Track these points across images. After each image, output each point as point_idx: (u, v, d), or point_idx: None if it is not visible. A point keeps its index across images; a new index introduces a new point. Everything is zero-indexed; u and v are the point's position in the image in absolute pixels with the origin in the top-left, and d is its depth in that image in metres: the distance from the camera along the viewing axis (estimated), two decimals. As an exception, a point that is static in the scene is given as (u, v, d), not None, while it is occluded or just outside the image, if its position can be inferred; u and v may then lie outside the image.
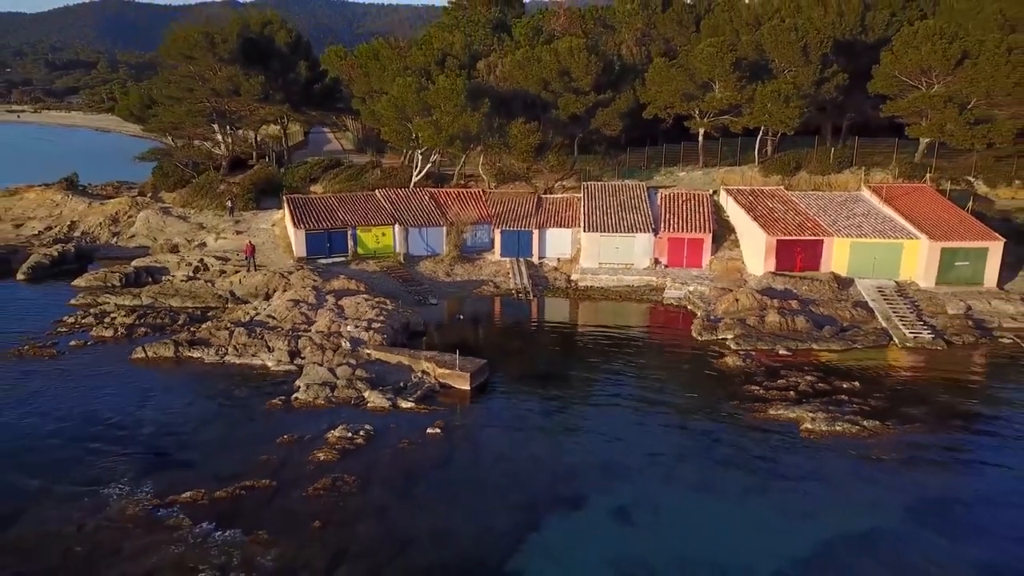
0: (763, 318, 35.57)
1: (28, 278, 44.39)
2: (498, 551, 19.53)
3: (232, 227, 50.75)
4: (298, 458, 23.76)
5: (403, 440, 25.06)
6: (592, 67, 51.72)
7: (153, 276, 43.85)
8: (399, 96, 48.82)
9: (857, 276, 40.54)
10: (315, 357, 31.06)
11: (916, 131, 48.12)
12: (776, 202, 44.61)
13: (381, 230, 45.47)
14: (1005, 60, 44.86)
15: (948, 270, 39.44)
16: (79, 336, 34.49)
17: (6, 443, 24.76)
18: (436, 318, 38.03)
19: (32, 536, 19.92)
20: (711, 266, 43.15)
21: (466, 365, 29.87)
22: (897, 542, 20.24)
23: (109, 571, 18.48)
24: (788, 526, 20.86)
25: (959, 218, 41.42)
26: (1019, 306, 37.19)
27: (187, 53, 57.93)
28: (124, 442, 25.04)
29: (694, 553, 19.67)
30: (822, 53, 50.45)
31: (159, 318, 36.91)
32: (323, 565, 18.88)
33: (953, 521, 21.19)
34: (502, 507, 21.45)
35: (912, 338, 34.48)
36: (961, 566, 19.27)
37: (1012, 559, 19.58)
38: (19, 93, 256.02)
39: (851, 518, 21.03)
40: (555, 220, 46.17)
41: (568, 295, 42.32)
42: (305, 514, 20.88)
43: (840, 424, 25.95)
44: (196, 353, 32.07)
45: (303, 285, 38.15)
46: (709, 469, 23.89)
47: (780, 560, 19.32)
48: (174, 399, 28.66)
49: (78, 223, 54.67)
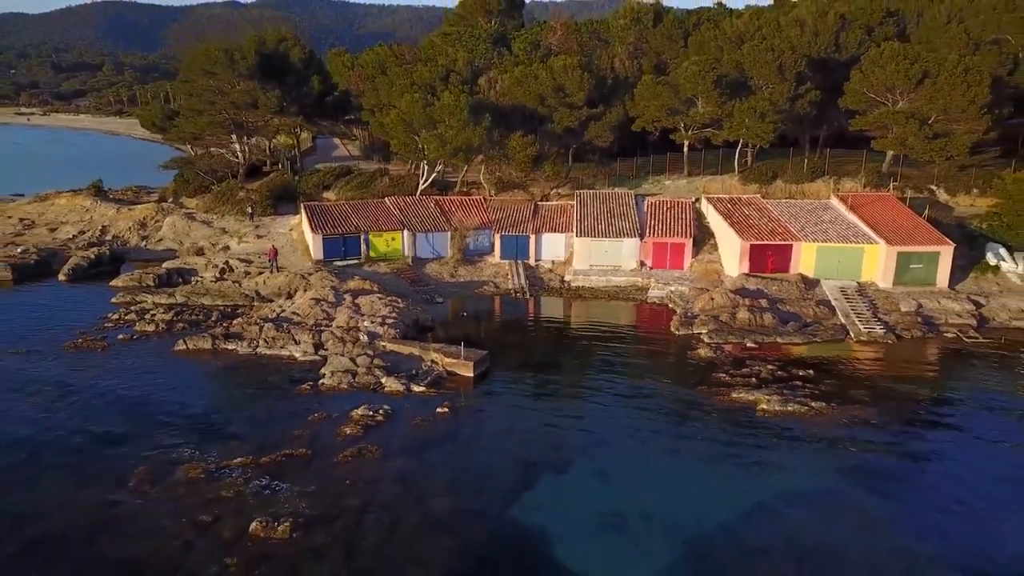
0: (734, 315, 39.85)
1: (69, 279, 48.63)
2: (498, 503, 23.79)
3: (253, 231, 55.04)
4: (328, 432, 28.02)
5: (416, 418, 29.34)
6: (585, 83, 55.94)
7: (183, 277, 48.10)
8: (407, 111, 53.06)
9: (823, 277, 44.81)
10: (337, 349, 35.34)
11: (881, 144, 52.36)
12: (752, 209, 48.88)
13: (391, 235, 49.74)
14: (961, 80, 49.07)
15: (904, 272, 43.73)
16: (125, 331, 38.70)
17: (82, 419, 29.03)
18: (442, 315, 42.29)
19: (111, 491, 24.15)
20: (692, 268, 47.45)
21: (469, 355, 34.10)
22: (826, 496, 24.51)
23: (182, 517, 22.69)
24: (738, 485, 25.11)
25: (916, 224, 45.70)
26: (965, 304, 41.45)
27: (208, 69, 62.07)
28: (178, 419, 29.30)
29: (660, 506, 23.89)
30: (797, 71, 54.70)
31: (194, 315, 41.20)
32: (354, 514, 23.11)
33: (874, 480, 25.42)
34: (501, 470, 25.72)
35: (866, 332, 38.78)
36: (876, 512, 23.49)
37: (914, 507, 23.82)
38: (27, 96, 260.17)
39: (790, 479, 25.30)
40: (550, 226, 50.43)
41: (561, 294, 46.60)
42: (337, 475, 25.14)
43: (791, 405, 30.24)
44: (231, 346, 36.34)
45: (322, 285, 42.39)
46: (677, 441, 28.18)
47: (729, 510, 23.55)
48: (216, 385, 32.97)
49: (109, 227, 58.92)
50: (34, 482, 24.74)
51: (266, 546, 21.37)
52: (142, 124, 74.04)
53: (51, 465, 25.78)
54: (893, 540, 22.29)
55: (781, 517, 23.42)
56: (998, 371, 35.05)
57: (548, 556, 21.40)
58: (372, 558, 21.09)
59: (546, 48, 75.07)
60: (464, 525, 22.68)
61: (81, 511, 23.10)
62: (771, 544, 22.05)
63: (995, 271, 44.78)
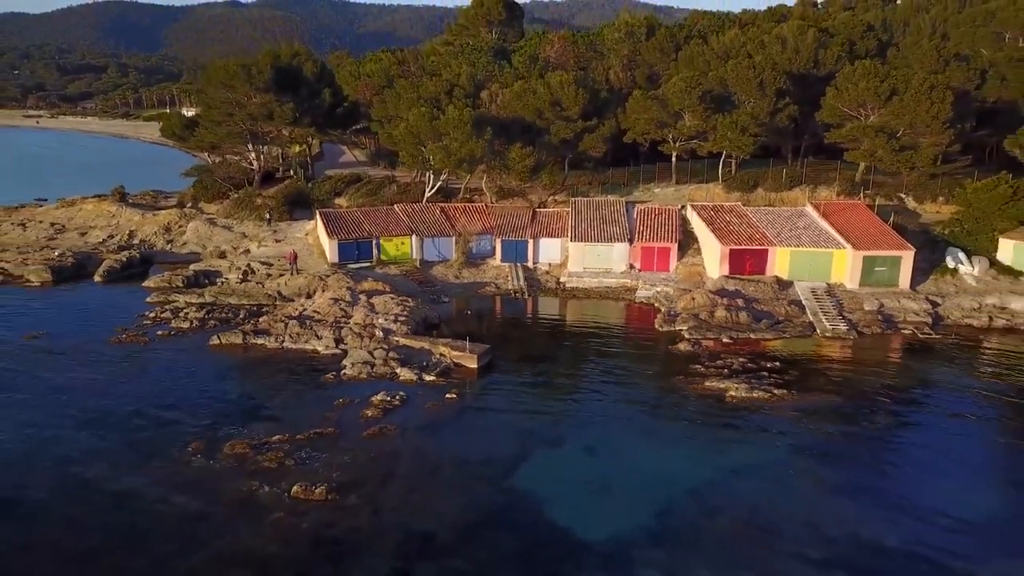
0: (713, 313, 44.08)
1: (104, 280, 52.86)
2: (500, 472, 27.99)
3: (271, 236, 59.27)
4: (352, 414, 32.21)
5: (428, 403, 33.55)
6: (580, 98, 60.19)
7: (209, 279, 52.28)
8: (415, 124, 57.29)
9: (796, 279, 49.03)
10: (356, 343, 39.56)
11: (853, 156, 56.60)
12: (732, 216, 53.11)
13: (400, 239, 53.97)
14: (926, 97, 53.30)
15: (869, 274, 47.97)
16: (162, 327, 42.91)
17: (136, 403, 33.22)
18: (448, 313, 46.50)
19: (173, 460, 28.36)
20: (677, 270, 51.68)
21: (474, 349, 38.29)
22: (779, 467, 28.68)
23: (232, 483, 26.88)
24: (704, 457, 29.31)
25: (881, 231, 49.93)
26: (923, 304, 45.70)
27: (227, 83, 66.29)
28: (219, 404, 33.53)
29: (638, 475, 28.07)
30: (776, 87, 58.97)
31: (223, 313, 45.42)
32: (378, 480, 27.28)
33: (820, 454, 29.62)
34: (502, 445, 29.92)
35: (831, 329, 43.02)
36: (820, 479, 27.70)
37: (854, 476, 28.01)
38: (34, 98, 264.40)
39: (749, 453, 29.50)
40: (547, 231, 54.66)
41: (557, 295, 50.83)
42: (362, 449, 29.33)
43: (756, 392, 34.46)
44: (260, 340, 40.55)
45: (339, 286, 46.59)
46: (655, 422, 32.42)
47: (695, 477, 27.75)
48: (249, 375, 37.16)
49: (136, 232, 63.17)
50: (108, 452, 28.97)
51: (307, 505, 25.58)
52: (162, 133, 78.18)
53: (118, 440, 30.00)
54: (832, 502, 26.48)
55: (739, 483, 27.61)
56: (946, 363, 39.32)
57: (542, 513, 25.59)
58: (394, 515, 25.29)
59: (544, 61, 79.26)
60: (471, 489, 26.90)
61: (150, 474, 27.33)
62: (729, 504, 26.25)
63: (953, 273, 49.00)
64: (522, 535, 24.38)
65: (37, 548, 23.44)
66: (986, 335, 43.29)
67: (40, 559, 22.99)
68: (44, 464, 28.35)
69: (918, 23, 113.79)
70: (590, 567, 22.79)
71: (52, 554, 23.21)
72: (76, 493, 26.44)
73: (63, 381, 35.53)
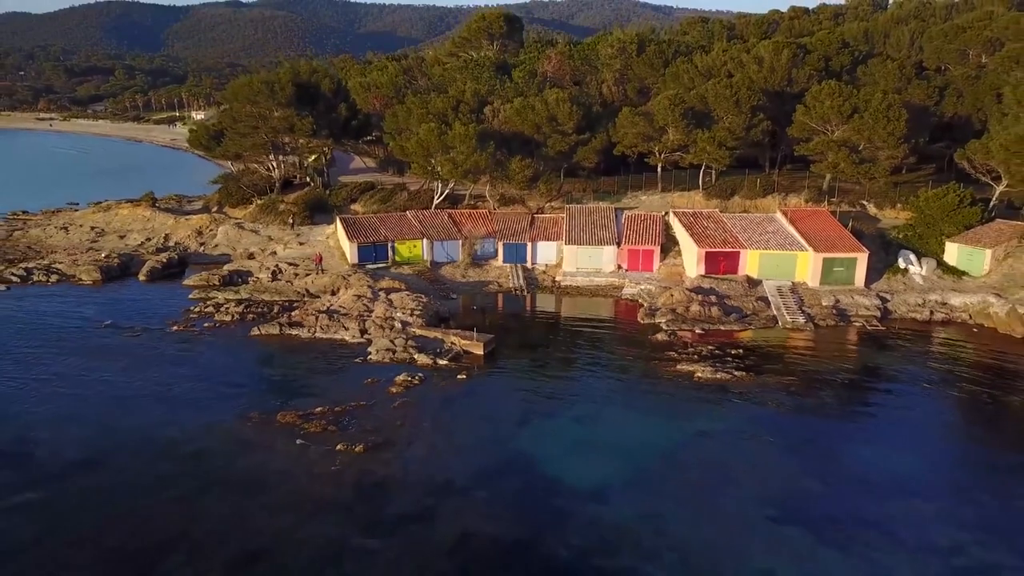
0: (688, 308, 50.37)
1: (147, 279, 59.13)
2: (503, 435, 34.28)
3: (295, 239, 65.55)
4: (380, 391, 38.47)
5: (442, 382, 39.85)
6: (574, 114, 66.48)
7: (242, 278, 58.53)
8: (425, 138, 63.54)
9: (765, 278, 55.29)
10: (378, 333, 45.84)
11: (818, 167, 62.85)
12: (709, 222, 59.39)
13: (413, 242, 60.22)
14: (884, 115, 59.56)
15: (828, 274, 54.25)
16: (207, 320, 49.20)
17: (195, 381, 39.52)
18: (456, 308, 52.79)
19: (236, 427, 34.63)
20: (659, 270, 57.96)
21: (480, 338, 44.55)
22: (733, 433, 34.92)
23: (287, 444, 33.12)
24: (672, 425, 35.59)
25: (840, 235, 56.21)
26: (874, 300, 52.00)
27: (252, 98, 72.59)
28: (265, 383, 39.84)
29: (618, 437, 34.32)
30: (751, 105, 65.21)
31: (259, 308, 51.68)
32: (404, 442, 33.55)
33: (769, 424, 35.87)
34: (506, 416, 36.20)
35: (791, 321, 49.32)
36: (765, 443, 33.96)
37: (794, 442, 34.29)
38: (45, 102, 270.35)
39: (709, 422, 35.77)
40: (544, 235, 60.94)
41: (553, 292, 57.12)
42: (389, 419, 35.58)
43: (720, 374, 40.76)
44: (295, 331, 46.83)
45: (360, 285, 52.85)
46: (634, 397, 38.72)
47: (664, 440, 34.02)
48: (288, 360, 43.40)
49: (171, 235, 69.45)
50: (180, 420, 35.24)
51: (348, 459, 31.86)
52: (190, 143, 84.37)
53: (187, 411, 36.28)
54: (775, 459, 32.71)
55: (700, 444, 33.92)
56: (888, 351, 45.62)
57: (537, 465, 31.87)
58: (420, 466, 31.58)
59: (542, 76, 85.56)
60: (480, 448, 33.20)
61: (218, 436, 33.65)
62: (692, 460, 32.55)
63: (904, 273, 55.28)
64: (521, 481, 30.70)
65: (132, 495, 29.69)
66: (926, 327, 49.62)
67: (134, 504, 29.22)
68: (130, 428, 34.64)
69: (897, 35, 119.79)
70: (577, 504, 29.08)
71: (144, 500, 29.45)
72: (159, 451, 32.67)
73: (132, 363, 41.84)
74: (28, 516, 28.03)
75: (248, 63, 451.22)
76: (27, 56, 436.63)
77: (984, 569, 25.53)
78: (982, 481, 31.32)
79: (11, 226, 77.24)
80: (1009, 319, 48.35)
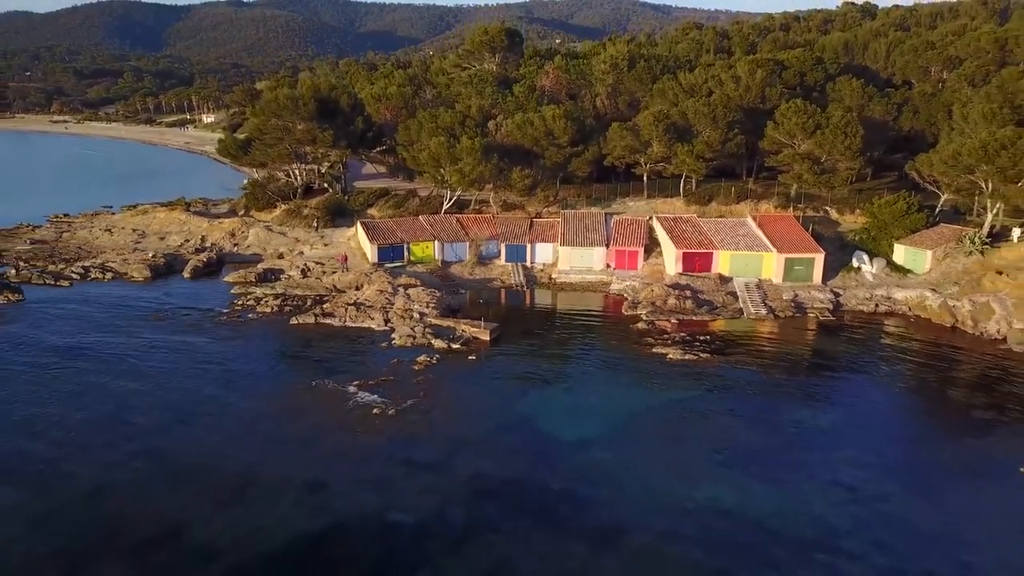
0: (666, 301, 58.22)
1: (191, 276, 66.97)
2: (507, 402, 42.13)
3: (319, 240, 73.38)
4: (404, 369, 46.31)
5: (455, 362, 47.70)
6: (568, 129, 74.28)
7: (274, 275, 66.32)
8: (436, 151, 71.38)
9: (735, 276, 63.10)
10: (400, 322, 53.68)
11: (785, 178, 70.70)
12: (687, 226, 67.24)
13: (425, 244, 68.03)
14: (842, 131, 67.37)
15: (790, 272, 62.08)
16: (251, 312, 57.03)
17: (248, 361, 47.38)
18: (465, 301, 60.59)
19: (288, 397, 42.47)
20: (643, 269, 65.79)
21: (487, 326, 52.33)
22: (695, 401, 42.72)
23: (332, 409, 40.98)
24: (647, 395, 43.42)
25: (802, 237, 64.06)
26: (828, 294, 59.85)
27: (277, 113, 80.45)
28: (306, 363, 47.69)
29: (600, 404, 42.12)
30: (727, 121, 73.01)
31: (294, 301, 59.51)
32: (427, 407, 41.36)
33: (725, 394, 43.70)
34: (509, 388, 44.06)
35: (755, 312, 57.16)
36: (719, 409, 41.78)
37: (745, 409, 42.13)
38: (58, 104, 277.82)
39: (676, 393, 43.60)
40: (542, 237, 68.75)
41: (549, 288, 64.97)
42: (414, 390, 43.40)
43: (688, 355, 48.63)
44: (327, 320, 54.67)
45: (382, 281, 60.67)
46: (615, 373, 46.62)
47: (639, 407, 41.83)
48: (325, 344, 51.20)
49: (207, 237, 77.26)
50: (242, 390, 43.12)
51: (383, 420, 39.72)
52: (219, 152, 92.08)
53: (245, 384, 44.16)
54: (727, 423, 40.51)
55: (665, 410, 41.78)
56: (835, 336, 53.46)
57: (535, 424, 39.75)
58: (441, 425, 39.43)
59: (540, 90, 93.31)
60: (489, 412, 41.07)
61: (274, 404, 41.51)
62: (658, 421, 40.37)
63: (856, 271, 63.11)
64: (520, 435, 38.61)
65: (217, 446, 37.54)
66: (872, 318, 57.48)
67: (222, 451, 37.06)
68: (203, 398, 42.49)
69: (875, 48, 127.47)
70: (564, 451, 36.95)
71: (229, 448, 37.31)
72: (228, 417, 40.53)
73: (193, 347, 49.70)
74: (147, 453, 35.94)
75: (251, 63, 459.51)
76: (32, 57, 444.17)
77: (875, 496, 33.36)
78: (890, 435, 39.25)
79: (58, 228, 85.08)
80: (941, 310, 56.22)
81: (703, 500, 32.92)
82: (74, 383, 44.14)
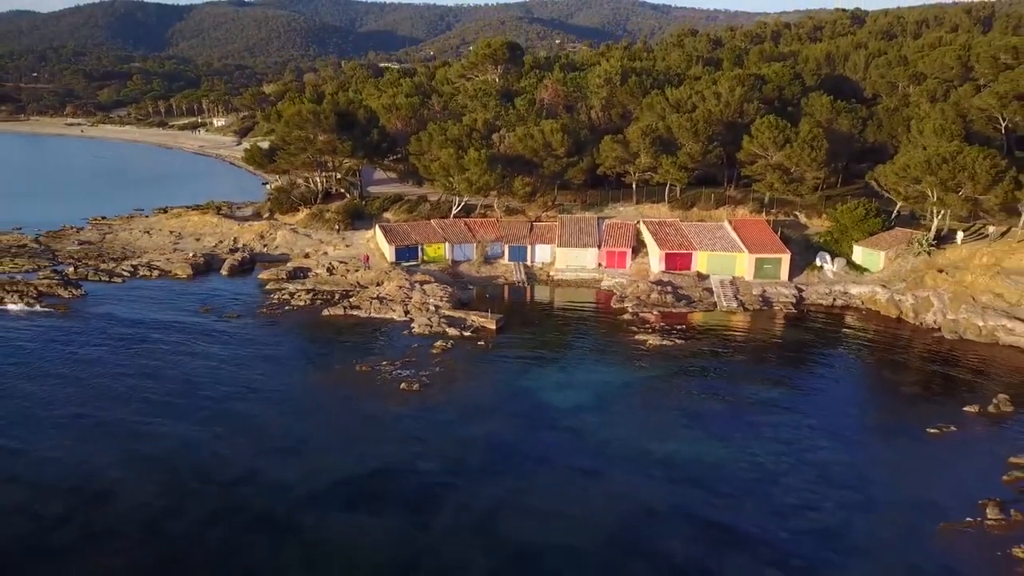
0: (650, 296, 66.48)
1: (228, 274, 75.20)
2: (511, 379, 50.41)
3: (341, 241, 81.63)
4: (423, 352, 54.58)
5: (467, 347, 55.97)
6: (565, 141, 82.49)
7: (303, 273, 74.53)
8: (446, 162, 79.61)
9: (712, 274, 71.34)
10: (418, 313, 61.92)
11: (759, 186, 78.93)
12: (670, 229, 75.50)
13: (437, 245, 76.26)
14: (809, 144, 75.57)
15: (760, 270, 70.34)
16: (286, 305, 65.26)
17: (290, 348, 55.69)
18: (473, 296, 68.85)
19: (329, 375, 50.70)
20: (630, 268, 74.06)
21: (493, 317, 60.58)
22: (669, 378, 51.00)
23: (366, 384, 49.21)
24: (627, 373, 51.70)
25: (771, 239, 72.33)
26: (792, 290, 68.12)
27: (300, 125, 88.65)
28: (340, 347, 55.97)
29: (589, 380, 50.39)
30: (707, 135, 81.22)
31: (324, 296, 67.73)
32: (445, 383, 49.59)
33: (695, 374, 51.94)
34: (513, 368, 52.34)
35: (727, 306, 65.43)
36: (691, 386, 50.00)
37: (711, 386, 50.42)
38: (72, 107, 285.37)
39: (653, 373, 51.88)
40: (542, 239, 76.99)
41: (548, 284, 73.28)
42: (433, 369, 51.65)
43: (666, 341, 56.91)
44: (355, 312, 62.93)
45: (400, 278, 68.90)
46: (603, 356, 54.93)
47: (620, 382, 50.09)
48: (354, 332, 59.44)
49: (238, 238, 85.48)
50: (290, 370, 51.38)
51: (409, 393, 47.97)
52: (246, 161, 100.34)
53: (291, 365, 52.45)
54: (695, 397, 48.75)
55: (644, 385, 50.06)
56: (796, 326, 61.73)
57: (535, 397, 48.04)
58: (458, 396, 47.69)
59: (540, 103, 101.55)
60: (496, 387, 49.37)
61: (318, 382, 49.77)
62: (636, 395, 48.64)
63: (819, 270, 71.36)
64: (525, 405, 46.94)
65: (270, 416, 45.77)
66: (829, 310, 65.76)
67: (274, 420, 45.30)
68: (258, 377, 50.73)
69: (855, 59, 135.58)
70: (559, 416, 45.26)
71: (279, 419, 45.55)
72: (283, 388, 48.78)
73: (240, 333, 57.99)
74: (219, 416, 44.22)
75: (253, 64, 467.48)
76: (39, 57, 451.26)
77: (806, 448, 41.66)
78: (828, 406, 47.58)
79: (99, 230, 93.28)
80: (888, 304, 64.52)
81: (669, 451, 41.23)
82: (150, 361, 52.47)
